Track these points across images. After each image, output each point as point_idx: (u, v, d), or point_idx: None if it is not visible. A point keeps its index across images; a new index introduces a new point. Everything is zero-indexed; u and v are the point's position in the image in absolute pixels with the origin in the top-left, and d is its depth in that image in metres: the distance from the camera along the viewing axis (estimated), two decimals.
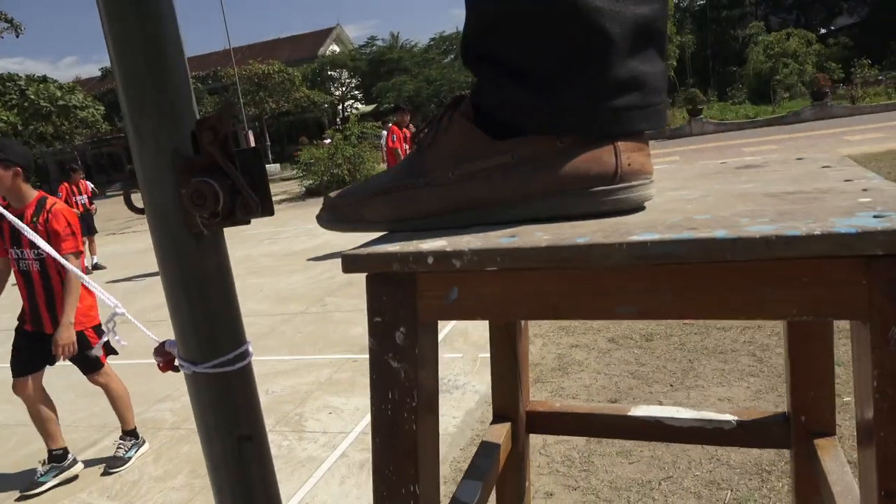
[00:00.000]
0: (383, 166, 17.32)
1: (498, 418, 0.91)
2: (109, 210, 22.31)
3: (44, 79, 21.61)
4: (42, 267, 3.19)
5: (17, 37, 21.43)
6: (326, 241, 9.61)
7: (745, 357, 3.63)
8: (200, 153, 0.73)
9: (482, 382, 3.76)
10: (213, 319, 0.78)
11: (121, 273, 9.57)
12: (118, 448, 3.48)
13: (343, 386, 4.04)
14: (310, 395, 3.96)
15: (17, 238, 3.18)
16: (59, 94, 21.17)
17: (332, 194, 0.70)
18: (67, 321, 3.12)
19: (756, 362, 3.55)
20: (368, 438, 3.28)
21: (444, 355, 4.25)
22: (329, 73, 36.35)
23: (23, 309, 3.30)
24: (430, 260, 0.51)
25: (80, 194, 10.18)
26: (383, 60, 35.06)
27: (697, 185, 0.68)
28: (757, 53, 26.88)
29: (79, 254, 3.24)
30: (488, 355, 3.37)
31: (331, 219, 0.69)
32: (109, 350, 3.44)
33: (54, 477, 3.29)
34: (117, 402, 3.51)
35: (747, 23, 34.97)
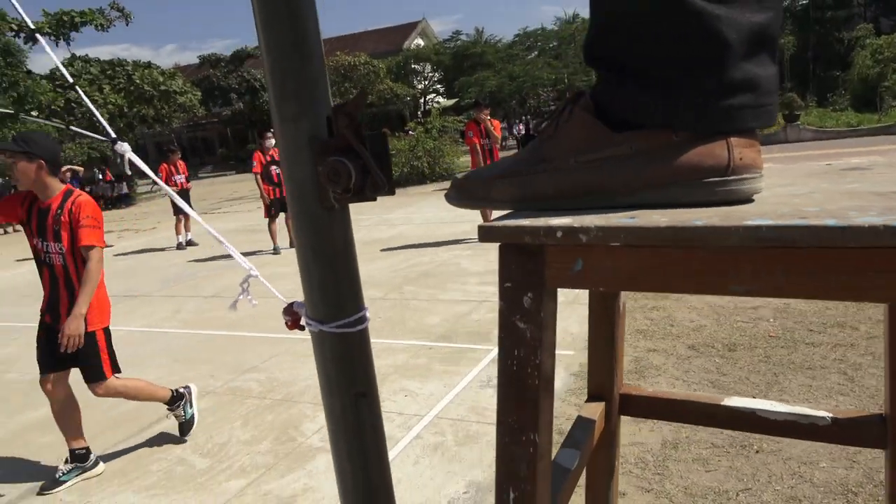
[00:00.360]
0: (465, 160, 17.45)
1: (593, 397, 0.96)
2: (202, 191, 23.56)
3: (148, 65, 23.01)
4: (64, 261, 3.13)
5: (127, 25, 22.88)
6: (401, 231, 9.82)
7: (834, 375, 3.48)
8: (335, 135, 0.82)
9: (557, 379, 3.78)
10: (339, 284, 0.86)
11: (211, 251, 10.12)
12: (177, 419, 3.55)
13: (419, 371, 4.16)
14: (387, 378, 4.10)
15: (43, 230, 3.12)
16: (161, 79, 22.51)
17: (459, 175, 0.78)
18: (79, 312, 3.05)
19: (846, 381, 3.39)
20: (443, 423, 3.38)
21: None
22: (413, 66, 36.85)
23: (43, 300, 3.24)
24: (559, 234, 0.57)
25: (178, 173, 10.82)
26: (467, 55, 35.15)
27: (806, 182, 0.71)
28: (864, 58, 25.24)
29: (100, 249, 3.15)
30: (564, 352, 3.38)
31: (459, 197, 0.77)
32: (115, 367, 3.32)
33: (76, 476, 3.25)
34: (139, 398, 3.44)
35: (854, 24, 32.85)
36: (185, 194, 10.84)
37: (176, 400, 3.54)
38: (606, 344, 0.90)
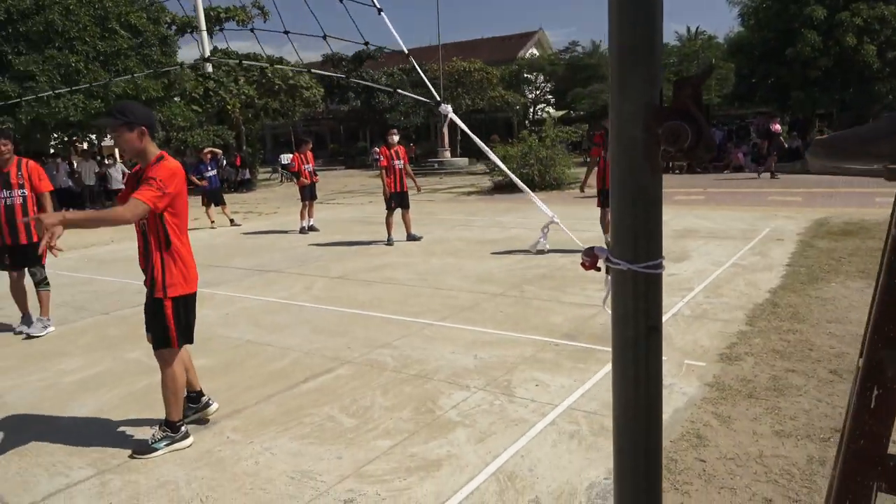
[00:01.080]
0: (574, 171, 17.39)
1: None
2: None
3: (280, 60, 24.45)
4: (145, 225, 3.16)
5: (265, 21, 24.49)
6: (516, 234, 9.95)
7: None
8: (668, 104, 0.97)
9: (690, 387, 3.79)
10: (649, 232, 1.02)
11: (331, 237, 10.68)
12: (153, 434, 3.38)
13: (547, 365, 4.28)
14: (516, 367, 4.25)
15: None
16: (290, 74, 23.86)
17: (819, 138, 0.91)
18: (66, 218, 2.81)
19: None
20: (577, 413, 3.49)
21: None
22: (525, 75, 36.96)
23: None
24: None
25: (308, 163, 11.50)
26: (581, 67, 34.85)
27: None
28: None
29: (143, 204, 3.00)
30: (696, 363, 3.39)
31: (829, 154, 0.91)
32: (183, 339, 3.32)
33: (194, 414, 3.62)
34: (164, 390, 3.37)
35: None
36: (312, 183, 11.51)
37: (169, 428, 3.37)
38: None
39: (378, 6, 1.55)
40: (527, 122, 35.51)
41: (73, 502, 2.91)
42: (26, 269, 5.72)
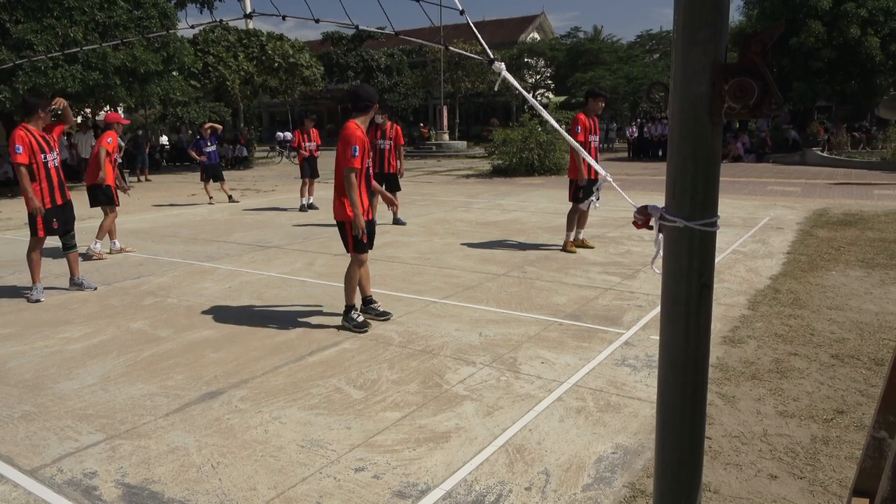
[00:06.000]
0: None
1: None
2: None
3: (280, 37, 24.23)
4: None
5: None
6: (516, 217, 9.96)
7: None
8: (735, 60, 0.97)
9: None
10: (707, 188, 1.02)
11: (331, 216, 10.61)
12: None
13: (552, 343, 4.30)
14: (521, 345, 4.27)
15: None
16: (291, 52, 23.64)
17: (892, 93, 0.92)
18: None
19: None
20: (583, 390, 3.52)
21: None
22: (526, 59, 36.75)
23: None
24: None
25: (310, 141, 11.43)
26: (583, 52, 34.67)
27: None
28: None
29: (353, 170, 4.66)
30: None
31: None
32: (359, 246, 4.65)
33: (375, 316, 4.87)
34: (345, 281, 4.71)
35: None
36: (313, 160, 11.45)
37: (348, 310, 4.71)
38: None
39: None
40: (526, 106, 35.35)
41: (84, 465, 2.92)
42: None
